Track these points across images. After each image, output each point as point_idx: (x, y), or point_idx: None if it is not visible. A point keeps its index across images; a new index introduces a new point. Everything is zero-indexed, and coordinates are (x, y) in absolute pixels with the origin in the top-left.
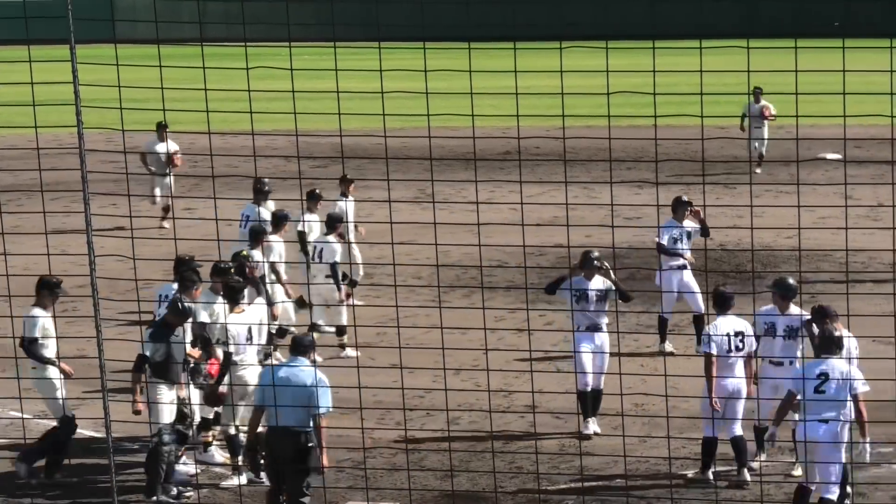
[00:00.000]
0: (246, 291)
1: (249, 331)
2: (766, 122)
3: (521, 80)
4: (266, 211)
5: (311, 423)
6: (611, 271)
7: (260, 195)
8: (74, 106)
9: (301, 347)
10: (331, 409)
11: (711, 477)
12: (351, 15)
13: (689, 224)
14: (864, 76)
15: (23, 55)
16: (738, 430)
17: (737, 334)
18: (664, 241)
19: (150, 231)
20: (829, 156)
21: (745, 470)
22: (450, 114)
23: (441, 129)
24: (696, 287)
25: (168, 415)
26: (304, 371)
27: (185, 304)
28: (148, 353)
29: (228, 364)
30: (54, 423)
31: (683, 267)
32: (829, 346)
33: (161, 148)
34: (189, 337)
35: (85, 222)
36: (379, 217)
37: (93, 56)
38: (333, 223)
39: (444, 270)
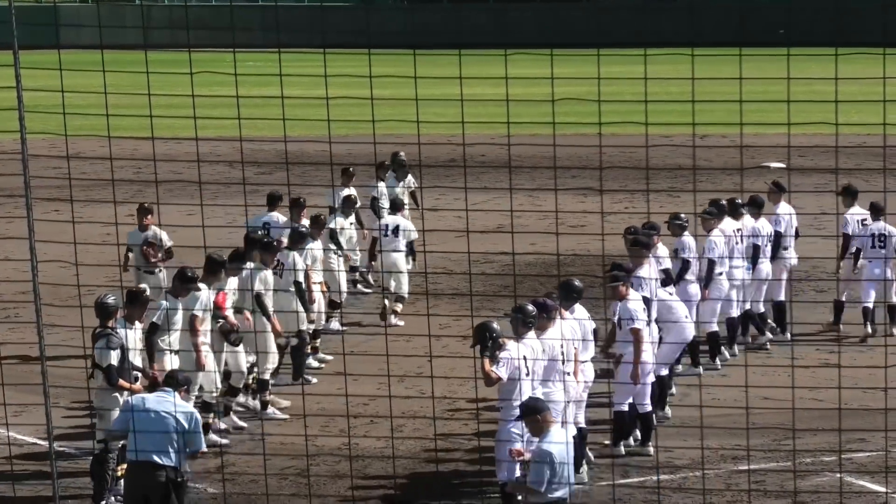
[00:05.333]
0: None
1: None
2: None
3: (467, 87)
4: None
5: (181, 460)
6: None
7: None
8: (17, 111)
9: (174, 381)
10: (203, 450)
11: None
12: (295, 21)
13: None
14: (808, 85)
15: None
16: None
17: None
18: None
19: (93, 237)
20: (773, 164)
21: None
22: (395, 120)
23: (386, 135)
24: None
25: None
26: (171, 404)
27: (146, 294)
28: (115, 362)
29: None
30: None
31: None
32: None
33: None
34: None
35: (27, 228)
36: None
37: (36, 62)
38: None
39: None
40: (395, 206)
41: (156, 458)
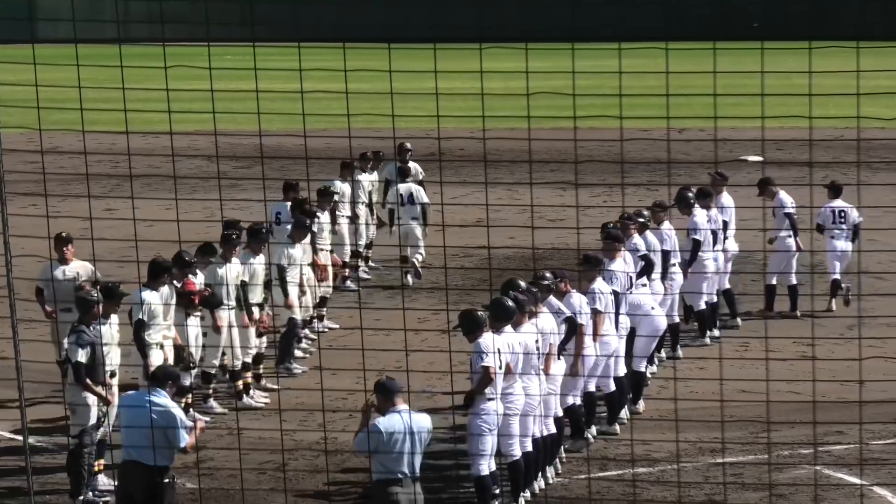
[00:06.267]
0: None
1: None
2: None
3: (444, 81)
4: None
5: (166, 459)
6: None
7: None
8: None
9: (159, 379)
10: (184, 447)
11: None
12: (273, 15)
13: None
14: (787, 78)
15: None
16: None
17: None
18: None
19: (69, 231)
20: (750, 158)
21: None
22: (373, 114)
23: (364, 129)
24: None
25: (91, 416)
26: (156, 405)
27: (118, 287)
28: (83, 360)
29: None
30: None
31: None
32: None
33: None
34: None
35: (1, 223)
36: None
37: (13, 56)
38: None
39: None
40: (405, 174)
41: (137, 458)
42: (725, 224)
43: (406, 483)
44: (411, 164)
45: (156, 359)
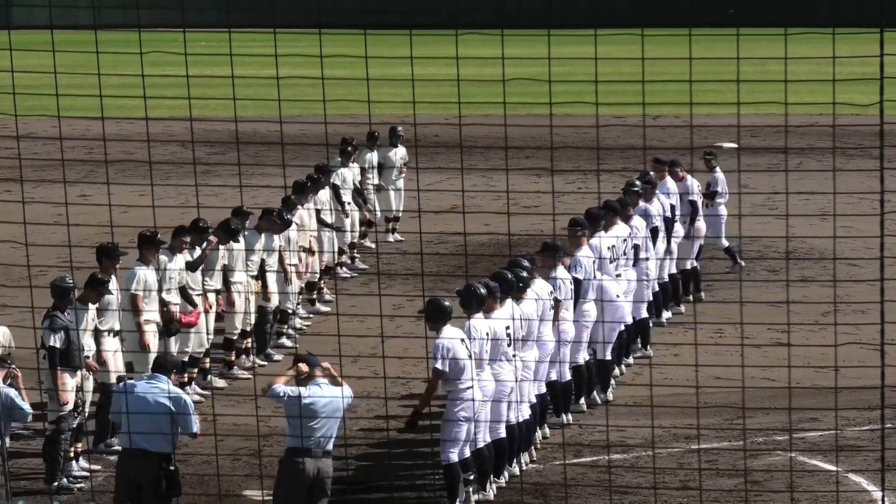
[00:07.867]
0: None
1: None
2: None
3: (419, 67)
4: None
5: (173, 447)
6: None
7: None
8: None
9: (160, 366)
10: (196, 433)
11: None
12: (248, 1)
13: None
14: (760, 65)
15: None
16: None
17: None
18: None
19: (45, 217)
20: (726, 145)
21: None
22: (348, 100)
23: (339, 115)
24: None
25: (69, 402)
26: (163, 391)
27: (103, 278)
28: (57, 345)
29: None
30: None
31: None
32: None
33: None
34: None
35: None
36: (275, 204)
37: None
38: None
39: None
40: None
41: (145, 446)
42: (673, 208)
43: (315, 455)
44: (400, 148)
45: (108, 345)
